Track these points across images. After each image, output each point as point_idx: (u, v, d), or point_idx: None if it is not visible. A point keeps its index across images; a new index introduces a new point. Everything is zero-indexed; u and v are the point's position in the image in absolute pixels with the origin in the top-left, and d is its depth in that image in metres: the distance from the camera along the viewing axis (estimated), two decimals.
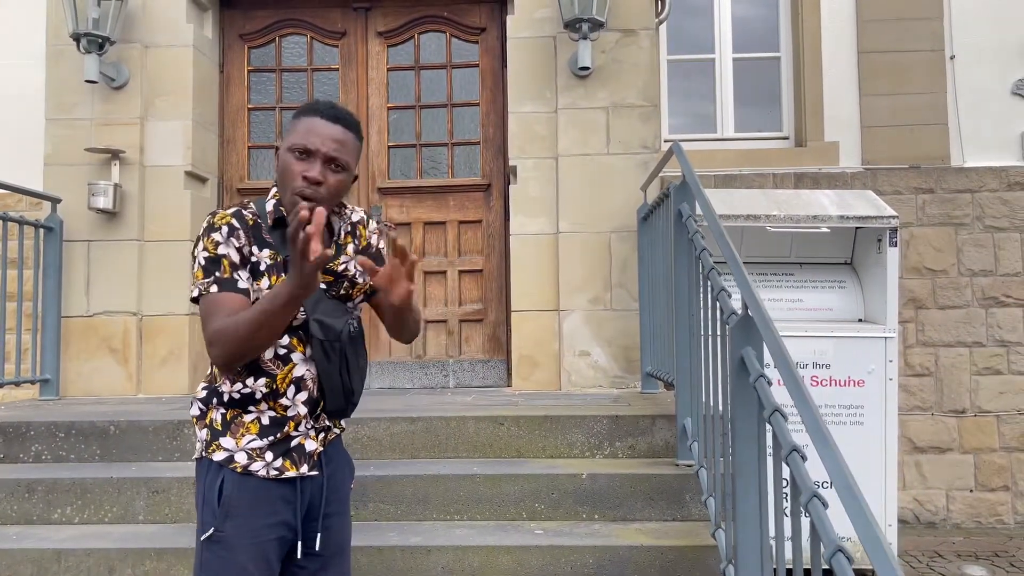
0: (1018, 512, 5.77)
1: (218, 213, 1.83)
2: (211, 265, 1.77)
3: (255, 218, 1.85)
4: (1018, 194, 5.92)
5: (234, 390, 1.83)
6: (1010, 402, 5.83)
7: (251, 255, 1.81)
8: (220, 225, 1.80)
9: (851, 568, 1.54)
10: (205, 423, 1.86)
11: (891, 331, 4.72)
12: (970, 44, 6.04)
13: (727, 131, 6.37)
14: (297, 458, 1.86)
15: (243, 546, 1.78)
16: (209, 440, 1.84)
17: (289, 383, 1.85)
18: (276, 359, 1.84)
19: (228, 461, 1.80)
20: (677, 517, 3.02)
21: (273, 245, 1.84)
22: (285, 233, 1.80)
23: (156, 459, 3.43)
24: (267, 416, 1.84)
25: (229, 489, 1.79)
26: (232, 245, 1.78)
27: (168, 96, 4.74)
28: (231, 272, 1.77)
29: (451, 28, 5.08)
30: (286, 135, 1.85)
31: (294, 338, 1.85)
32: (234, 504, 1.79)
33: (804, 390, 1.79)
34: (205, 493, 1.82)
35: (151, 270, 4.68)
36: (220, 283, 1.76)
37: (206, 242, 1.79)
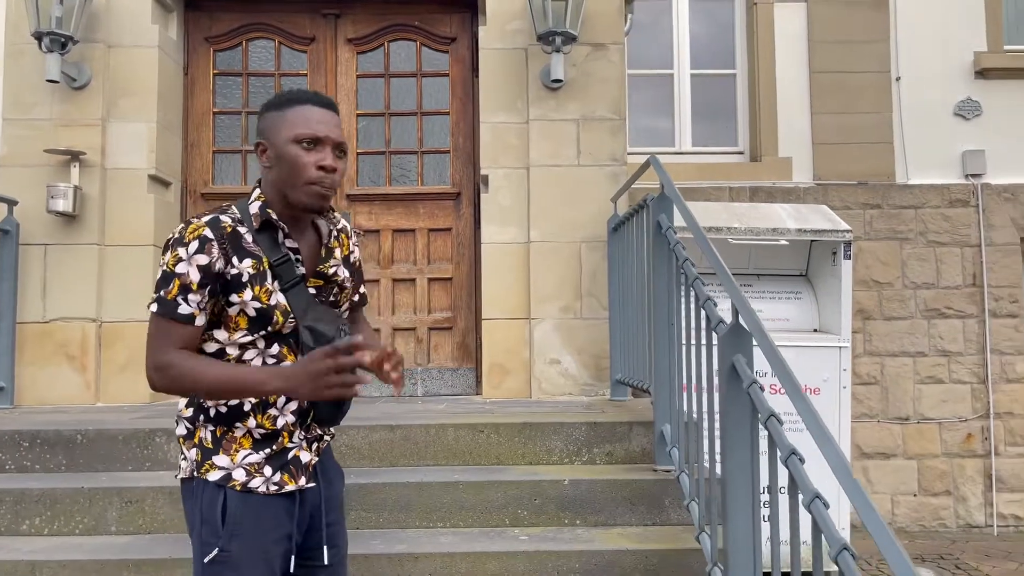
0: (959, 516, 6.03)
1: (192, 223, 1.70)
2: (162, 281, 1.68)
3: (234, 225, 1.73)
4: (959, 210, 6.22)
5: (220, 404, 1.74)
6: (951, 410, 6.10)
7: (227, 269, 1.69)
8: (189, 240, 1.68)
9: (856, 565, 1.62)
10: (194, 443, 1.76)
11: (845, 341, 4.89)
12: (915, 66, 6.33)
13: (685, 145, 6.53)
14: (295, 471, 1.79)
15: (250, 564, 1.72)
16: (200, 460, 1.74)
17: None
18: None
19: (226, 480, 1.72)
20: (657, 521, 3.09)
21: (255, 253, 1.73)
22: (274, 237, 1.78)
23: (126, 468, 3.35)
24: (257, 431, 1.76)
25: (233, 508, 1.71)
26: (196, 263, 1.67)
27: (131, 97, 4.65)
28: (177, 294, 1.67)
29: (421, 37, 5.10)
30: (275, 129, 1.75)
31: (284, 346, 1.78)
32: (238, 522, 1.72)
33: (806, 396, 1.87)
34: (204, 513, 1.72)
35: (111, 275, 4.56)
36: (160, 303, 1.68)
37: (169, 255, 1.69)
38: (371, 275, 4.95)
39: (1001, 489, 6.01)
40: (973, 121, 6.32)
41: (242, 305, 1.71)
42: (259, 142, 1.80)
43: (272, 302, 1.73)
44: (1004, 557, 5.27)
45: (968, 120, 6.32)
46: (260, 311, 1.72)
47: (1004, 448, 6.04)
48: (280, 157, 1.75)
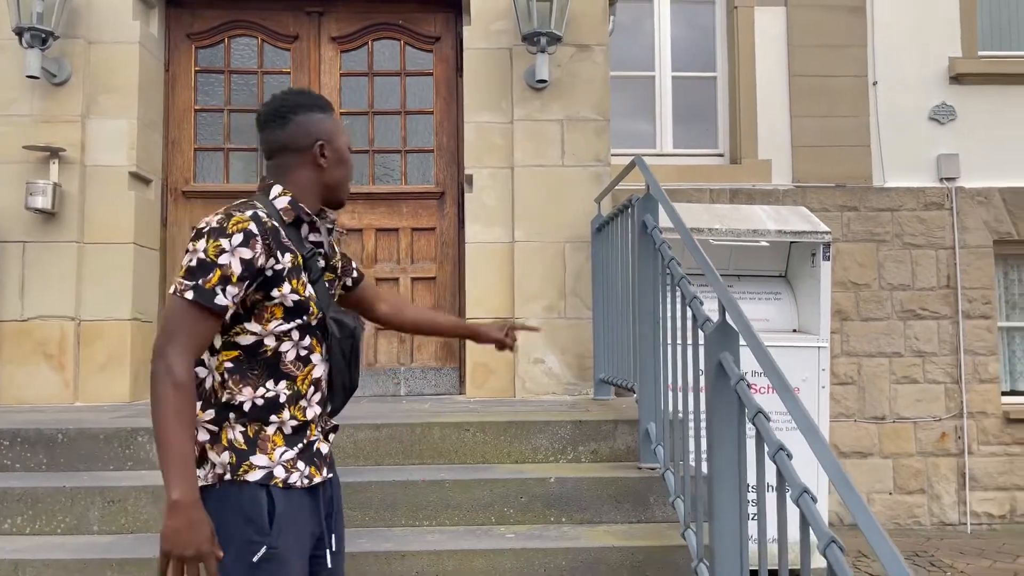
0: (933, 514, 6.14)
1: (233, 216, 1.70)
2: (200, 269, 1.66)
3: (270, 220, 1.75)
4: (933, 213, 6.33)
5: (257, 396, 1.74)
6: (926, 409, 6.21)
7: (268, 264, 1.71)
8: (233, 232, 1.67)
9: (844, 559, 1.65)
10: (224, 446, 1.72)
11: (824, 341, 4.96)
12: (892, 71, 6.44)
13: (666, 147, 6.59)
14: (318, 463, 1.82)
15: (295, 560, 1.74)
16: (236, 463, 1.71)
17: (309, 384, 1.81)
18: (298, 360, 1.78)
19: (268, 478, 1.71)
20: (642, 519, 3.11)
21: (292, 248, 1.77)
22: (298, 232, 1.82)
23: (108, 468, 3.33)
24: (288, 425, 1.77)
25: (280, 505, 1.71)
26: (239, 256, 1.67)
27: (112, 94, 4.60)
28: (216, 284, 1.65)
29: (405, 36, 5.09)
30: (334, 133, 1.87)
31: (314, 338, 1.81)
32: (285, 518, 1.72)
33: (794, 394, 1.90)
34: (247, 513, 1.69)
35: (91, 273, 4.51)
36: (197, 291, 1.65)
37: (209, 243, 1.67)
38: None
39: (974, 487, 6.12)
40: (948, 126, 6.44)
41: (281, 299, 1.74)
42: (321, 143, 1.85)
43: (307, 294, 1.78)
44: (977, 554, 5.37)
45: (943, 125, 6.44)
46: (297, 303, 1.75)
47: (977, 447, 6.16)
48: (341, 160, 1.89)
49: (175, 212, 4.98)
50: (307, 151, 1.85)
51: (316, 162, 1.85)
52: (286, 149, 1.85)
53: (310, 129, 1.85)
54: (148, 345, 4.71)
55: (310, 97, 1.90)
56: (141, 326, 4.64)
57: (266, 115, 1.87)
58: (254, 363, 1.74)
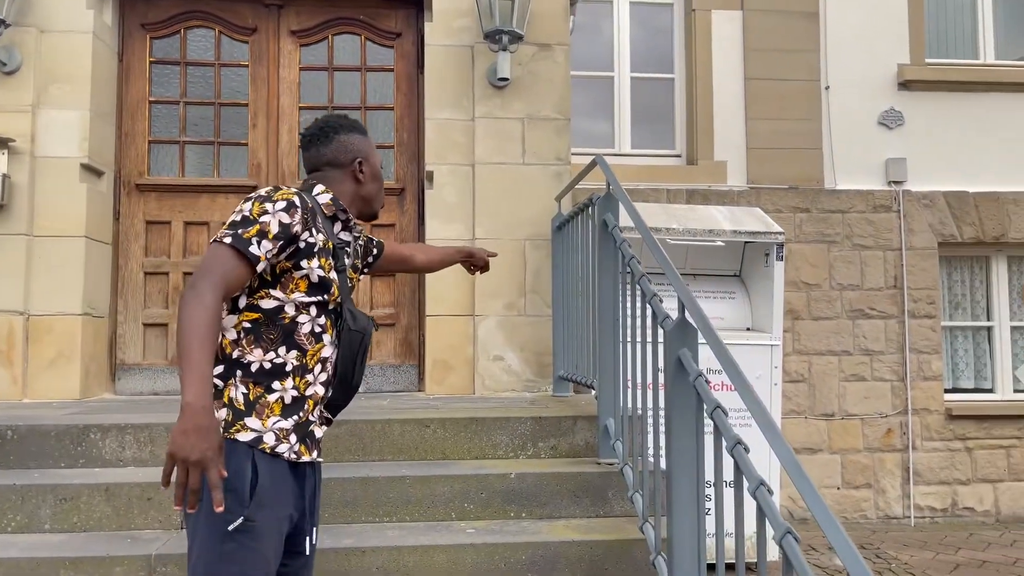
0: (879, 508, 6.31)
1: (280, 189, 1.90)
2: (242, 223, 1.82)
3: (312, 204, 1.94)
4: (882, 215, 6.50)
5: (266, 359, 1.85)
6: (873, 406, 6.38)
7: (303, 235, 1.87)
8: (278, 199, 1.86)
9: (800, 549, 1.70)
10: (223, 402, 1.82)
11: (776, 339, 5.08)
12: (843, 76, 6.59)
13: (624, 147, 6.65)
14: (310, 443, 1.92)
15: (269, 535, 1.79)
16: (231, 420, 1.80)
17: (317, 361, 1.92)
18: (311, 335, 1.90)
19: (257, 442, 1.80)
20: (601, 513, 3.15)
21: (326, 232, 1.95)
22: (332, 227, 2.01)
23: (59, 466, 3.26)
24: (290, 394, 1.86)
25: (262, 474, 1.78)
26: (279, 219, 1.83)
27: (64, 84, 4.49)
28: (254, 235, 1.80)
29: (366, 31, 5.07)
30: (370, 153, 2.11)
31: (328, 319, 1.94)
32: (266, 490, 1.78)
33: (753, 389, 1.96)
34: (230, 480, 1.72)
35: (41, 267, 4.40)
36: (235, 238, 1.79)
37: (254, 205, 1.84)
38: None
39: (918, 482, 6.31)
40: (896, 130, 6.62)
41: (308, 271, 1.88)
42: (360, 160, 2.09)
43: (331, 276, 1.93)
44: (920, 547, 5.54)
45: (891, 129, 6.62)
46: (322, 279, 1.90)
47: (921, 443, 6.35)
48: (375, 176, 2.12)
49: (128, 205, 4.88)
50: (347, 167, 2.07)
51: (355, 176, 2.08)
52: (329, 164, 2.07)
53: (350, 147, 2.08)
54: (99, 341, 4.63)
55: (350, 120, 2.13)
56: (92, 321, 4.54)
57: (311, 134, 2.10)
58: (271, 328, 1.86)
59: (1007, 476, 6.35)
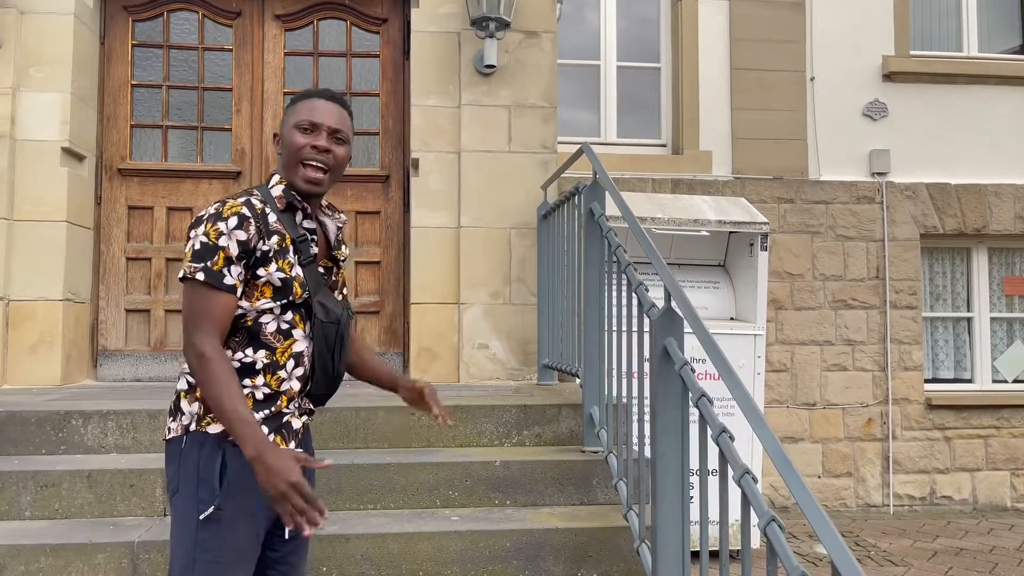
0: (859, 496, 6.38)
1: (227, 203, 1.84)
2: (205, 252, 1.79)
3: (263, 206, 1.87)
4: (865, 207, 6.54)
5: (235, 359, 1.84)
6: (854, 396, 6.44)
7: (259, 246, 1.83)
8: (228, 216, 1.81)
9: (783, 536, 1.71)
10: (196, 396, 1.82)
11: (760, 329, 5.11)
12: (828, 67, 6.61)
13: (610, 136, 6.65)
14: (286, 435, 1.89)
15: (242, 524, 1.80)
16: (202, 414, 1.81)
17: (289, 357, 1.89)
18: (278, 333, 1.87)
19: (226, 434, 1.78)
20: (585, 501, 3.17)
21: (280, 231, 1.88)
22: (294, 218, 1.92)
23: (40, 452, 3.23)
24: (261, 391, 1.85)
25: (231, 465, 1.78)
26: (235, 238, 1.80)
27: (44, 66, 4.43)
28: (223, 265, 1.79)
29: (352, 17, 5.02)
30: (286, 120, 1.94)
31: (296, 315, 1.89)
32: (235, 480, 1.78)
33: (738, 378, 1.97)
34: (201, 470, 1.78)
35: (21, 251, 4.35)
36: (207, 272, 1.78)
37: (208, 227, 1.80)
38: None
39: (897, 471, 6.38)
40: (880, 122, 6.65)
41: (268, 277, 1.84)
42: (275, 133, 1.99)
43: (292, 274, 1.87)
44: (899, 534, 5.61)
45: (875, 121, 6.65)
46: (284, 281, 1.86)
47: (900, 432, 6.42)
48: (284, 143, 1.94)
49: (110, 189, 4.83)
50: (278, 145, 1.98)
51: (278, 151, 1.97)
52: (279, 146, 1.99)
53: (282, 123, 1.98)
54: (80, 326, 4.58)
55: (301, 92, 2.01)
56: (73, 307, 4.50)
57: None
58: (236, 331, 1.85)
59: (984, 465, 6.44)
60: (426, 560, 2.79)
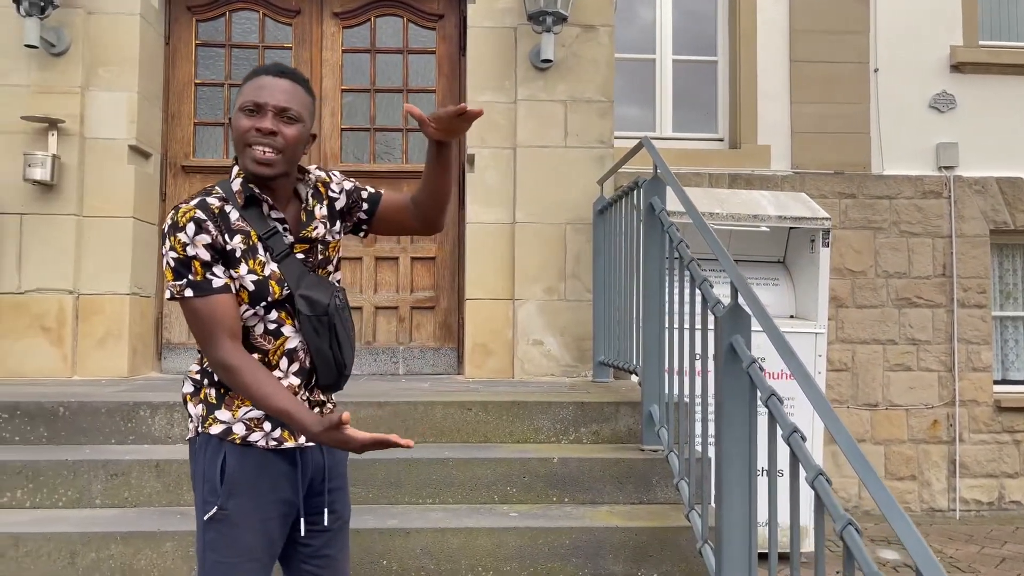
0: (924, 500, 6.20)
1: (180, 208, 1.73)
2: (181, 267, 1.71)
3: (221, 205, 1.76)
4: (931, 202, 6.35)
5: None
6: (918, 397, 6.25)
7: (224, 246, 1.74)
8: (184, 224, 1.71)
9: (862, 540, 1.66)
10: (200, 399, 1.82)
11: (821, 327, 4.99)
12: (893, 59, 6.43)
13: (666, 130, 6.57)
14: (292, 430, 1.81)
15: (247, 524, 1.76)
16: (205, 415, 1.80)
17: (281, 355, 1.82)
18: (267, 334, 1.81)
19: (226, 433, 1.77)
20: (644, 500, 3.13)
21: (243, 229, 1.77)
22: (260, 210, 1.80)
23: (110, 442, 3.31)
24: None
25: (232, 465, 1.76)
26: (200, 244, 1.71)
27: (112, 66, 4.54)
28: (203, 273, 1.72)
29: (408, 13, 5.04)
30: (235, 103, 1.80)
31: (282, 312, 1.81)
32: (237, 480, 1.76)
33: (811, 376, 1.91)
34: (205, 471, 1.78)
35: (90, 247, 4.47)
36: (194, 286, 1.72)
37: (172, 242, 1.71)
38: (354, 253, 4.92)
39: (964, 475, 6.19)
40: (947, 114, 6.44)
41: (240, 280, 1.76)
42: (229, 118, 1.82)
43: (266, 273, 1.78)
44: (966, 540, 5.43)
45: (943, 113, 6.45)
46: (257, 283, 1.77)
47: (968, 435, 6.22)
48: (232, 127, 1.79)
49: (174, 186, 4.94)
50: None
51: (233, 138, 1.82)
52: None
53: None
54: (146, 320, 4.70)
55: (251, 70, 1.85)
56: (139, 301, 4.61)
57: None
58: None
59: None
60: (485, 556, 2.79)
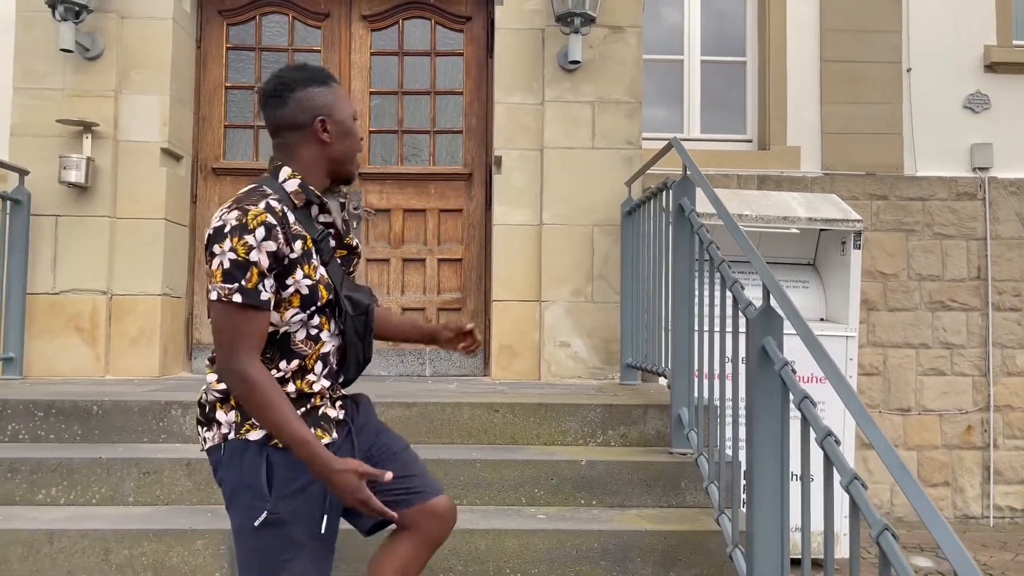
0: (957, 507, 6.09)
1: (249, 210, 1.70)
2: (237, 270, 1.68)
3: (282, 208, 1.76)
4: (965, 203, 6.24)
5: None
6: (952, 402, 6.15)
7: (287, 254, 1.74)
8: (254, 227, 1.68)
9: (898, 546, 1.63)
10: (231, 405, 1.79)
11: (852, 330, 4.92)
12: (926, 58, 6.33)
13: (694, 131, 6.52)
14: (326, 426, 1.86)
15: (299, 521, 1.78)
16: (240, 421, 1.78)
17: (317, 359, 1.85)
18: (308, 339, 1.83)
19: (267, 439, 1.76)
20: (673, 504, 3.10)
21: (302, 234, 1.78)
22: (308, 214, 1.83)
23: (142, 440, 3.35)
24: (293, 394, 1.83)
25: (279, 469, 1.76)
26: (265, 250, 1.70)
27: (144, 70, 4.60)
28: (257, 281, 1.70)
29: (436, 15, 5.06)
30: (336, 106, 1.84)
31: (323, 316, 1.84)
32: (284, 482, 1.76)
33: (844, 377, 1.88)
34: (245, 477, 1.76)
35: (123, 248, 4.54)
36: (244, 293, 1.69)
37: (235, 243, 1.68)
38: (381, 254, 4.95)
39: (998, 481, 6.07)
40: (982, 114, 6.33)
41: (296, 285, 1.77)
42: (322, 118, 1.82)
43: (317, 277, 1.80)
44: (1000, 547, 5.33)
45: (977, 113, 6.34)
46: (311, 287, 1.78)
47: (1003, 441, 6.10)
48: (346, 133, 1.85)
49: (204, 188, 5.00)
50: (308, 128, 1.82)
51: (319, 138, 1.83)
52: (287, 128, 1.83)
53: (309, 105, 1.82)
54: (177, 321, 4.75)
55: (307, 71, 1.86)
56: (171, 301, 4.67)
57: (264, 94, 1.85)
58: (269, 347, 1.79)
59: None
60: (513, 557, 2.78)
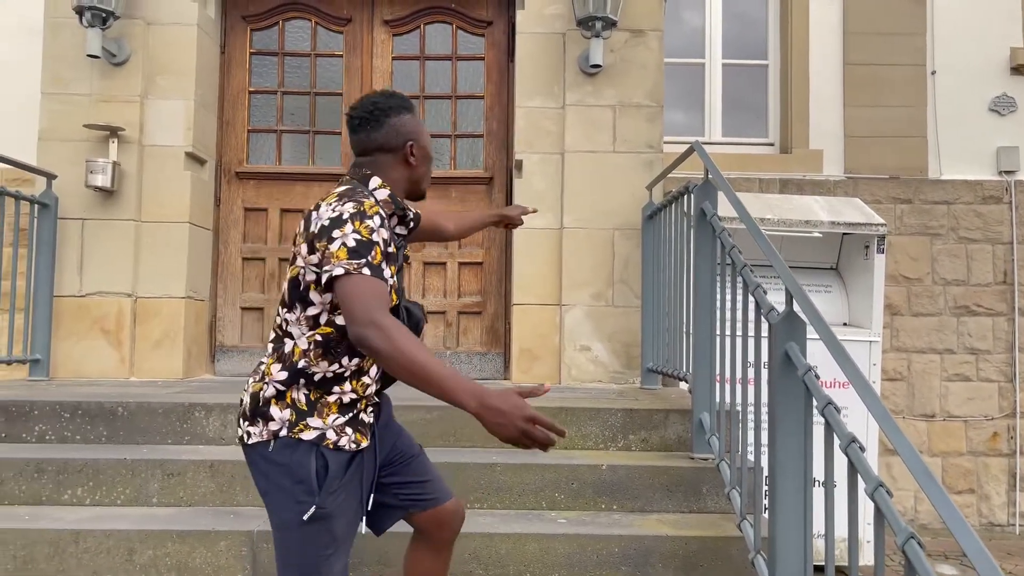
0: (983, 515, 6.01)
1: (363, 202, 1.85)
2: (363, 248, 1.78)
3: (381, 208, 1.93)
4: (991, 207, 6.16)
5: (330, 369, 1.90)
6: (978, 408, 6.07)
7: (389, 248, 1.88)
8: (372, 214, 1.83)
9: (924, 555, 1.61)
10: (287, 403, 1.89)
11: (876, 335, 4.87)
12: (951, 61, 6.26)
13: (715, 135, 6.49)
14: (363, 431, 1.97)
15: (344, 516, 1.90)
16: (294, 420, 1.88)
17: (373, 362, 1.96)
18: None
19: (320, 439, 1.87)
20: (695, 509, 3.09)
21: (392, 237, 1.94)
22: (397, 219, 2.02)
23: (166, 442, 3.39)
24: (348, 396, 1.93)
25: (331, 467, 1.86)
26: (382, 236, 1.83)
27: (170, 75, 4.65)
28: (381, 259, 1.81)
29: (458, 20, 5.08)
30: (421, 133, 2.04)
31: None
32: (334, 479, 1.87)
33: (868, 382, 1.87)
34: (295, 472, 1.85)
35: (148, 251, 4.59)
36: (371, 268, 1.78)
37: (358, 225, 1.80)
38: None
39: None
40: (1008, 117, 6.25)
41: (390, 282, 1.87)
42: (411, 143, 2.02)
43: (392, 280, 1.90)
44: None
45: (1003, 116, 6.26)
46: (391, 288, 1.87)
47: None
48: (427, 157, 2.07)
49: (228, 192, 5.04)
50: (399, 150, 2.01)
51: (407, 160, 2.02)
52: (381, 149, 2.00)
53: (402, 130, 2.00)
54: (200, 323, 4.80)
55: (399, 100, 2.04)
56: (194, 304, 4.71)
57: (361, 117, 2.01)
58: (341, 342, 1.89)
59: None
60: (533, 561, 2.78)
